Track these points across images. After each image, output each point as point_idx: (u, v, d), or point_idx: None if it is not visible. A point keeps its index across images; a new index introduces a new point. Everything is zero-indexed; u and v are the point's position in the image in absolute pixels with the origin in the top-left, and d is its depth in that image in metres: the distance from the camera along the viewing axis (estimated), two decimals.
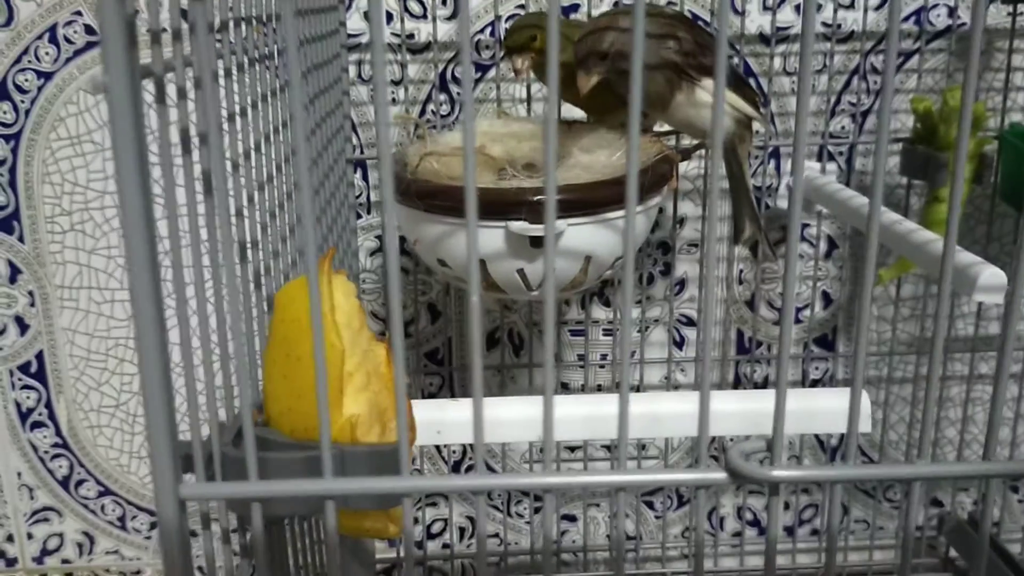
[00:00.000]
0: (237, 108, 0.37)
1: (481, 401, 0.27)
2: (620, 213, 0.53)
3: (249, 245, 0.38)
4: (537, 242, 0.52)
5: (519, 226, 0.51)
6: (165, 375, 0.26)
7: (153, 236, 0.26)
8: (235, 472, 0.30)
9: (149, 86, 0.33)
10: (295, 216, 0.49)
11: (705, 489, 0.28)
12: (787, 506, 0.86)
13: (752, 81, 0.75)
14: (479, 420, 0.27)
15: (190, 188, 0.29)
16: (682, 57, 0.54)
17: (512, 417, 0.38)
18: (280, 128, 0.46)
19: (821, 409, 0.37)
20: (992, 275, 0.47)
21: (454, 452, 0.84)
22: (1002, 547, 0.75)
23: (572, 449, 0.84)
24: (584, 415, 0.36)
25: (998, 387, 0.28)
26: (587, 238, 0.53)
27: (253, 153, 0.39)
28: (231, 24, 0.36)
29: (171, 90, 0.29)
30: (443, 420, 0.39)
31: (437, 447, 0.84)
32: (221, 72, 0.35)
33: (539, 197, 0.51)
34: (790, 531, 0.86)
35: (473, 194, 0.26)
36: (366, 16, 0.72)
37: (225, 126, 0.34)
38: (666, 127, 0.64)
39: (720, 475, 0.28)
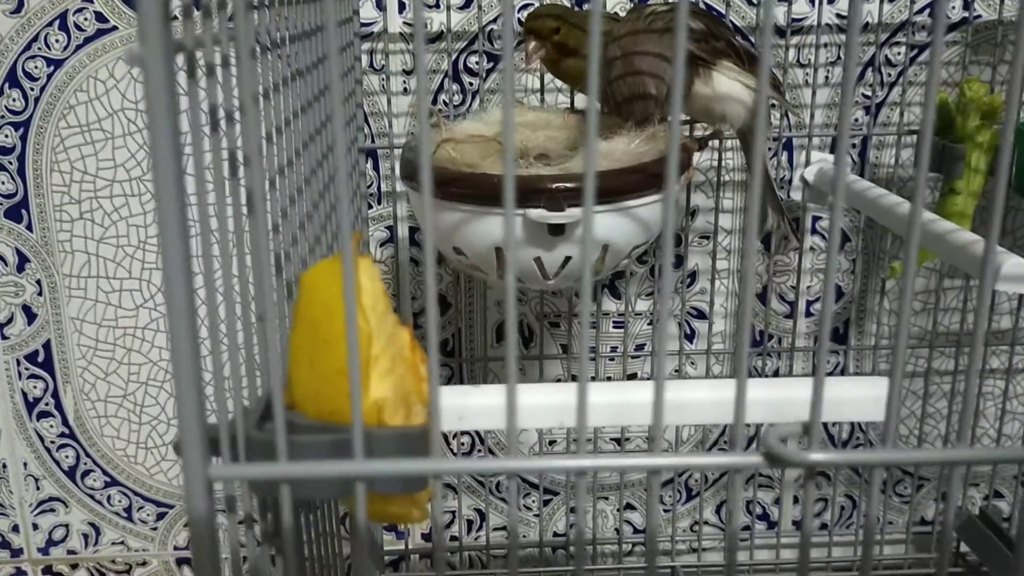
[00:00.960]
0: (260, 90, 0.36)
1: (515, 385, 0.27)
2: (638, 201, 0.53)
3: (271, 229, 0.37)
4: (556, 230, 0.52)
5: (537, 213, 0.51)
6: (195, 356, 0.25)
7: (185, 214, 0.25)
8: (260, 455, 0.30)
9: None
10: (311, 203, 0.49)
11: (739, 473, 0.28)
12: (796, 500, 0.86)
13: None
14: (512, 405, 0.27)
15: (218, 168, 0.29)
16: (695, 44, 0.54)
17: (537, 403, 0.37)
18: (299, 114, 0.46)
19: (847, 397, 0.37)
20: (1015, 264, 0.47)
21: (463, 444, 0.84)
22: (1012, 541, 0.75)
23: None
24: (608, 402, 0.36)
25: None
26: (605, 226, 0.53)
27: (275, 137, 0.39)
28: (255, 4, 0.36)
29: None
30: (466, 406, 0.38)
31: (446, 438, 0.84)
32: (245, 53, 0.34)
33: (557, 184, 0.50)
34: (798, 525, 0.86)
35: (512, 182, 0.25)
36: (379, 5, 0.72)
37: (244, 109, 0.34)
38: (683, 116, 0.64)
39: (756, 459, 0.27)
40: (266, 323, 0.30)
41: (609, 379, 0.83)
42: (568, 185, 0.51)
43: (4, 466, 0.82)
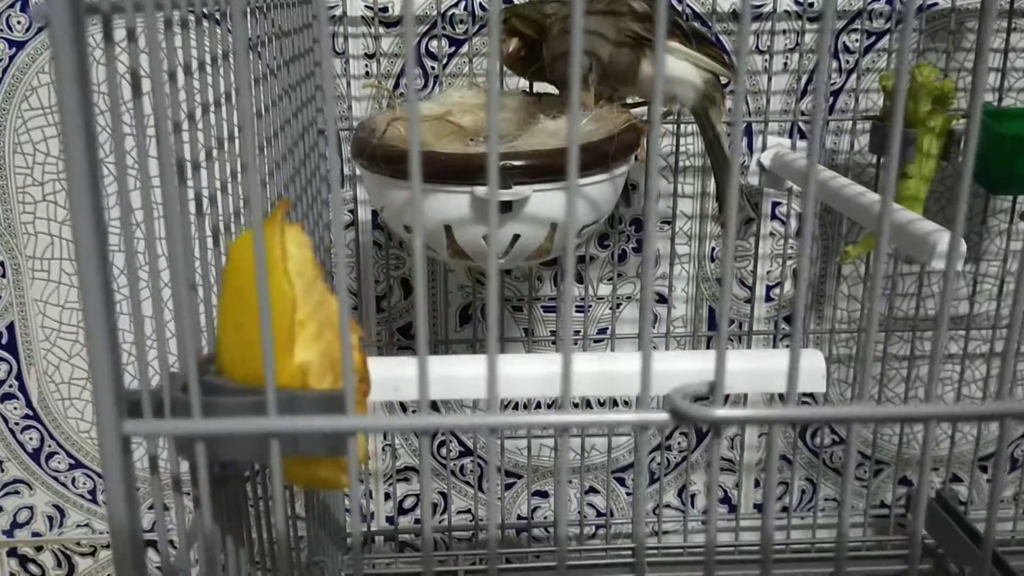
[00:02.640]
0: (196, 62, 0.37)
1: (425, 356, 0.27)
2: (587, 180, 0.54)
3: (207, 199, 0.38)
4: (504, 207, 0.52)
5: (485, 191, 0.51)
6: (108, 312, 0.26)
7: (98, 183, 0.26)
8: (184, 414, 0.30)
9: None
10: (263, 174, 0.49)
11: (646, 429, 0.28)
12: (757, 484, 0.87)
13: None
14: (424, 372, 0.28)
15: (141, 136, 0.29)
16: (640, 24, 0.55)
17: (467, 375, 0.38)
18: (242, 89, 0.46)
19: (771, 368, 0.37)
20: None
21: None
22: (970, 525, 0.76)
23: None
24: (520, 374, 0.36)
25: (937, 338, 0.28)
26: (552, 205, 0.53)
27: (213, 110, 0.39)
28: None
29: (121, 36, 0.29)
30: (401, 376, 0.39)
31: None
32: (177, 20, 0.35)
33: (504, 162, 0.51)
34: (759, 508, 0.87)
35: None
36: None
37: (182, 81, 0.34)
38: (636, 99, 0.65)
39: (662, 416, 0.28)
40: (183, 290, 0.30)
41: None
42: (515, 163, 0.51)
43: None
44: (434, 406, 0.79)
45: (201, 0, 0.38)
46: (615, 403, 0.83)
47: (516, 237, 0.54)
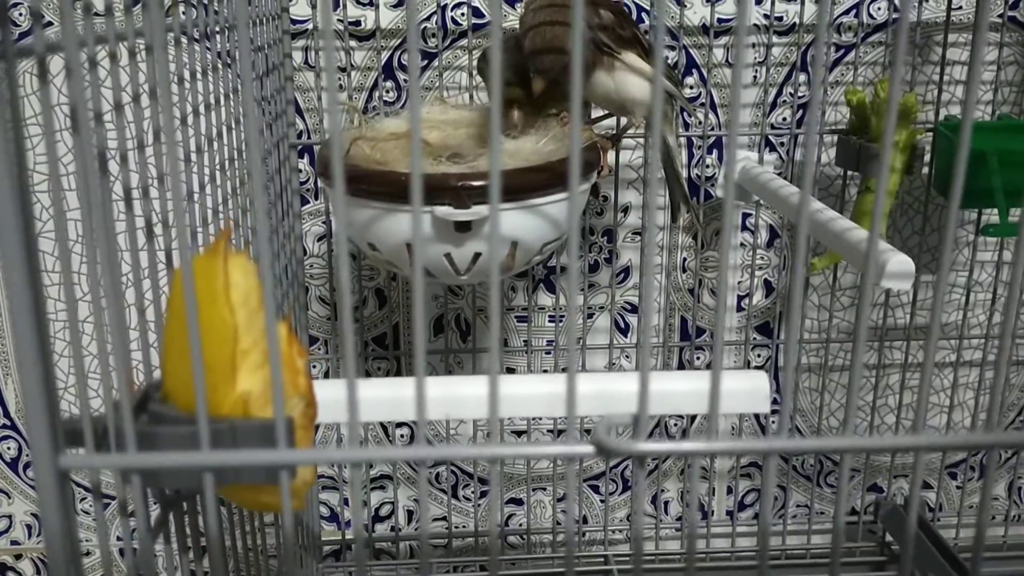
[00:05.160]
0: (145, 88, 0.37)
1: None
2: (546, 199, 0.54)
3: (159, 223, 0.38)
4: (462, 227, 0.53)
5: (444, 211, 0.52)
6: (40, 338, 0.27)
7: (26, 208, 0.26)
8: (125, 445, 0.31)
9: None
10: (217, 198, 0.50)
11: (574, 461, 0.29)
12: (729, 490, 0.88)
13: (695, 73, 0.76)
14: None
15: (81, 168, 0.30)
16: (603, 32, 0.55)
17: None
18: (208, 108, 0.47)
19: (709, 390, 0.38)
20: (900, 262, 0.48)
21: (402, 437, 0.85)
22: (935, 532, 0.77)
23: (519, 434, 0.85)
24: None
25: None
26: (513, 224, 0.54)
27: (163, 135, 0.40)
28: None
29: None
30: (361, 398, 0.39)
31: (384, 429, 0.85)
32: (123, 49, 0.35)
33: (463, 183, 0.52)
34: (731, 515, 0.88)
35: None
36: (311, 2, 0.73)
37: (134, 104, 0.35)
38: (601, 112, 0.65)
39: (587, 448, 0.29)
40: (141, 317, 0.31)
41: (545, 372, 0.84)
42: (473, 183, 0.52)
43: None
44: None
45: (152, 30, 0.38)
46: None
47: (477, 255, 0.54)
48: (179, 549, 0.40)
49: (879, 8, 0.76)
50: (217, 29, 0.50)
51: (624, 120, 0.64)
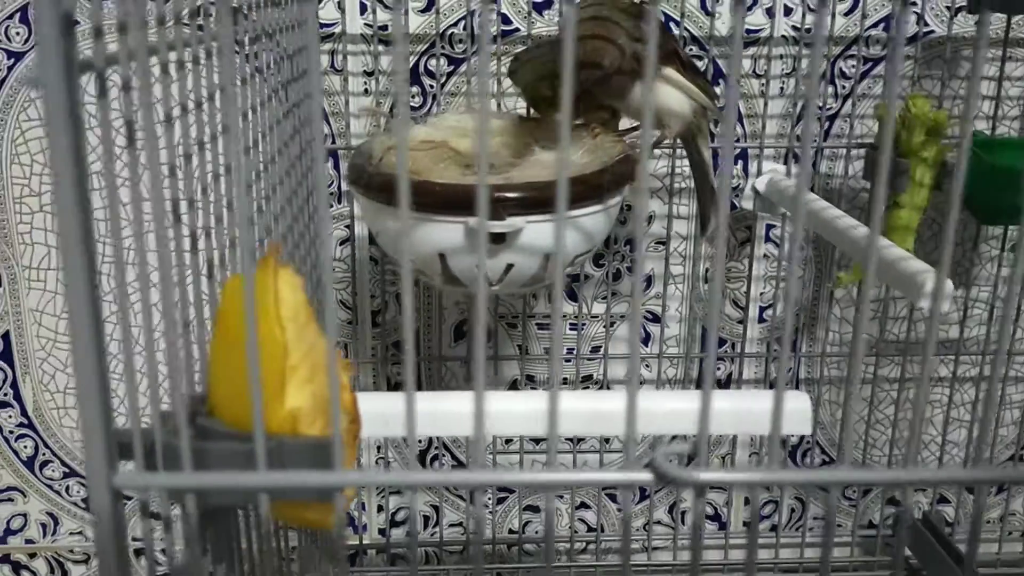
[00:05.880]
0: (192, 99, 0.37)
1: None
2: (580, 212, 0.54)
3: (201, 234, 0.38)
4: (497, 238, 0.53)
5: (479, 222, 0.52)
6: (99, 357, 0.26)
7: (88, 225, 0.26)
8: (175, 462, 0.31)
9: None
10: (257, 204, 0.49)
11: (631, 490, 0.29)
12: (747, 501, 0.88)
13: (721, 83, 0.76)
14: (411, 413, 0.28)
15: (135, 180, 0.29)
16: (642, 46, 0.55)
17: (457, 411, 0.38)
18: (247, 117, 0.47)
19: (755, 410, 0.38)
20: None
21: (420, 443, 0.85)
22: (954, 547, 0.76)
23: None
24: (519, 411, 0.37)
25: (921, 391, 0.29)
26: (547, 236, 0.53)
27: (208, 144, 0.40)
28: (174, 14, 0.36)
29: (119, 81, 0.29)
30: (392, 412, 0.39)
31: (404, 437, 0.85)
32: (173, 62, 0.35)
33: (498, 194, 0.51)
34: (748, 526, 0.87)
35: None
36: (339, 6, 0.73)
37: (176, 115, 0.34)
38: (633, 123, 0.65)
39: (646, 476, 0.28)
40: (185, 330, 0.30)
41: (565, 380, 0.84)
42: (509, 195, 0.51)
43: None
44: None
45: (197, 38, 0.38)
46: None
47: (510, 267, 0.54)
48: (212, 561, 0.39)
49: (906, 22, 0.75)
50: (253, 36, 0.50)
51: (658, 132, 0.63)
